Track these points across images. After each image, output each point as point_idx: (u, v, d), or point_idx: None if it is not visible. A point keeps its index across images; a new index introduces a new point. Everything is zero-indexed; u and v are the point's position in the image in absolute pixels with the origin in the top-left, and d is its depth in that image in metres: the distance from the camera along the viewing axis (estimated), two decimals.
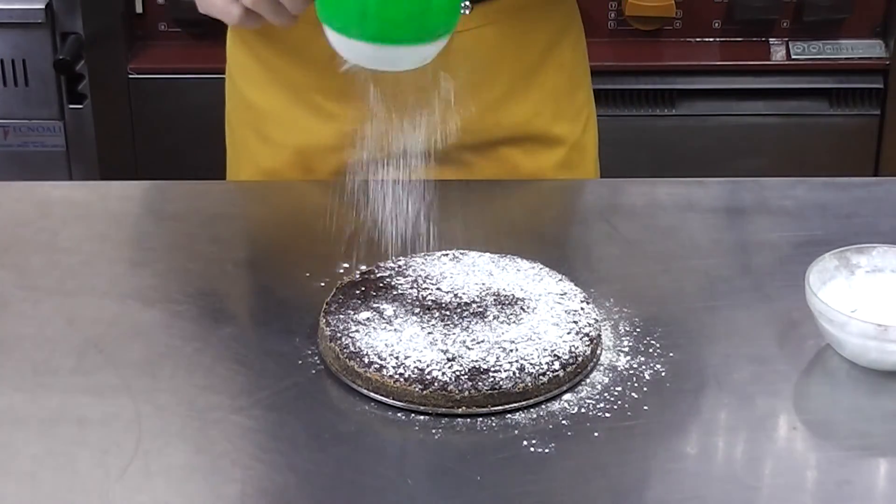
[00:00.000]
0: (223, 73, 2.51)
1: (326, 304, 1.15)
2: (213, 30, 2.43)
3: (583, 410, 1.06)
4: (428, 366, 1.07)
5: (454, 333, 1.10)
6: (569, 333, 1.11)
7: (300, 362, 1.11)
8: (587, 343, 1.11)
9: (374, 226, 1.28)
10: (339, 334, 1.11)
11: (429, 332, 1.10)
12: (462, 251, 1.22)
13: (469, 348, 1.09)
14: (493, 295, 1.15)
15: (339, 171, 1.41)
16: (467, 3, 1.35)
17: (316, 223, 1.35)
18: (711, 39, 2.44)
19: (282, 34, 1.39)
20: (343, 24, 1.08)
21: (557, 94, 1.47)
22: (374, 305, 1.14)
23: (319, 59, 1.16)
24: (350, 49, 1.10)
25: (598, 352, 1.12)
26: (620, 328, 1.16)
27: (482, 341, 1.09)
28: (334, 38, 1.10)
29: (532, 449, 1.02)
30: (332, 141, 1.42)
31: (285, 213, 1.39)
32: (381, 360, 1.08)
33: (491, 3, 1.38)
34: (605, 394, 1.08)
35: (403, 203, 1.23)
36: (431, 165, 1.40)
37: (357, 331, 1.11)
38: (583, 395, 1.08)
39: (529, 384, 1.07)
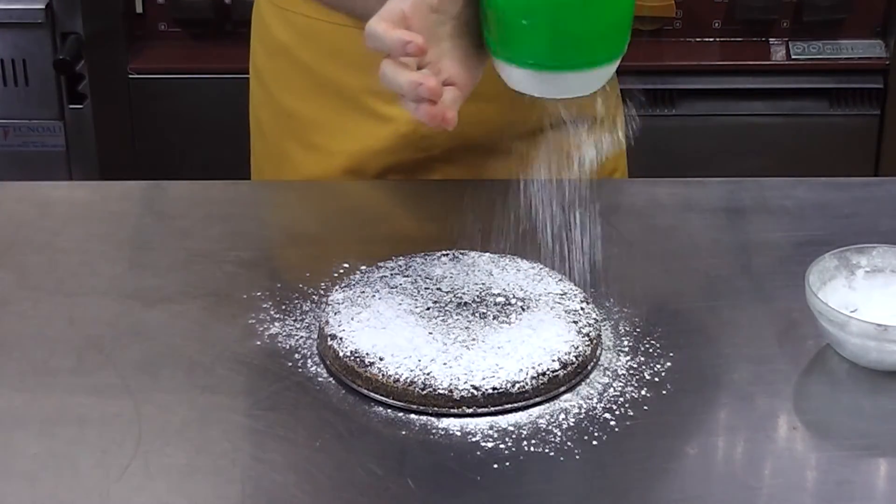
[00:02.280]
0: (223, 73, 2.52)
1: (327, 303, 1.15)
2: (213, 30, 2.44)
3: (583, 410, 1.06)
4: (428, 366, 1.07)
5: (454, 333, 1.10)
6: (569, 333, 1.11)
7: (300, 362, 1.11)
8: (587, 343, 1.11)
9: (373, 227, 1.28)
10: (339, 334, 1.11)
11: (429, 332, 1.10)
12: (462, 251, 1.22)
13: (469, 348, 1.09)
14: (493, 295, 1.15)
15: (390, 170, 1.41)
16: None
17: (316, 223, 1.35)
18: (711, 39, 2.44)
19: (329, 39, 1.37)
20: (535, 57, 1.08)
21: None
22: (374, 305, 1.14)
23: (368, 61, 1.13)
24: (519, 78, 1.10)
25: (598, 352, 1.12)
26: (620, 328, 1.16)
27: (482, 341, 1.09)
28: (520, 76, 1.10)
29: (532, 449, 1.02)
30: (386, 143, 1.40)
31: (285, 213, 1.39)
32: (381, 360, 1.08)
33: None
34: (605, 394, 1.08)
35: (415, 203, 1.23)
36: (485, 156, 1.40)
37: (357, 331, 1.11)
38: (583, 395, 1.08)
39: (529, 384, 1.07)
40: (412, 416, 1.06)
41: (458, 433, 1.04)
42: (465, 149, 1.36)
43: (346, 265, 1.23)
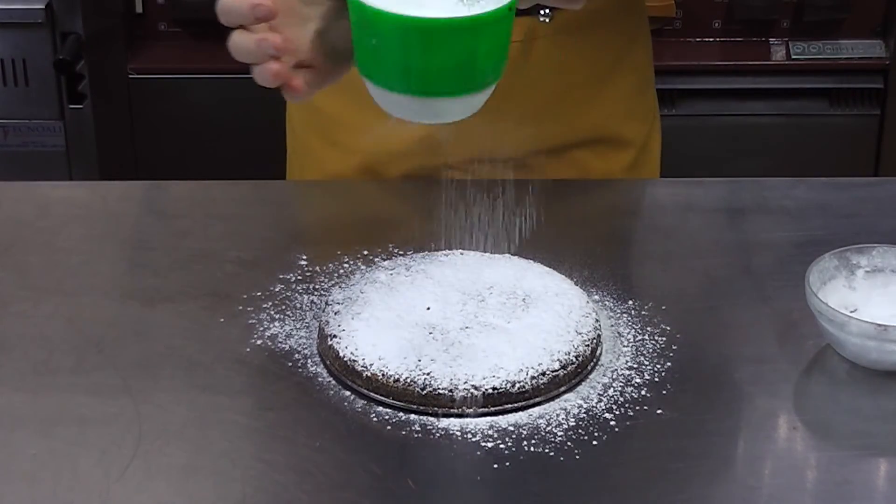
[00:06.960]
0: (223, 74, 2.52)
1: (326, 303, 1.15)
2: (214, 30, 2.44)
3: (583, 410, 1.06)
4: (428, 366, 1.07)
5: (454, 333, 1.10)
6: (569, 333, 1.11)
7: (300, 362, 1.11)
8: (587, 343, 1.11)
9: (374, 226, 1.28)
10: (339, 334, 1.11)
11: (429, 332, 1.10)
12: (462, 251, 1.22)
13: (469, 348, 1.08)
14: (494, 294, 1.15)
15: (408, 175, 1.41)
16: (547, 10, 1.34)
17: (316, 223, 1.36)
18: (711, 39, 2.44)
19: None
20: (385, 79, 1.03)
21: (630, 96, 1.47)
22: (375, 305, 1.14)
23: None
24: (393, 103, 1.05)
25: (598, 352, 1.12)
26: (620, 328, 1.16)
27: (482, 341, 1.09)
28: (377, 93, 1.05)
29: (532, 449, 1.02)
30: (403, 146, 1.41)
31: (285, 213, 1.39)
32: (381, 359, 1.08)
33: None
34: (605, 394, 1.08)
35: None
36: (506, 170, 1.41)
37: (357, 330, 1.11)
38: (583, 395, 1.08)
39: (529, 384, 1.07)
40: (412, 416, 1.06)
41: (458, 433, 1.04)
42: (483, 161, 1.36)
43: (347, 265, 1.23)
